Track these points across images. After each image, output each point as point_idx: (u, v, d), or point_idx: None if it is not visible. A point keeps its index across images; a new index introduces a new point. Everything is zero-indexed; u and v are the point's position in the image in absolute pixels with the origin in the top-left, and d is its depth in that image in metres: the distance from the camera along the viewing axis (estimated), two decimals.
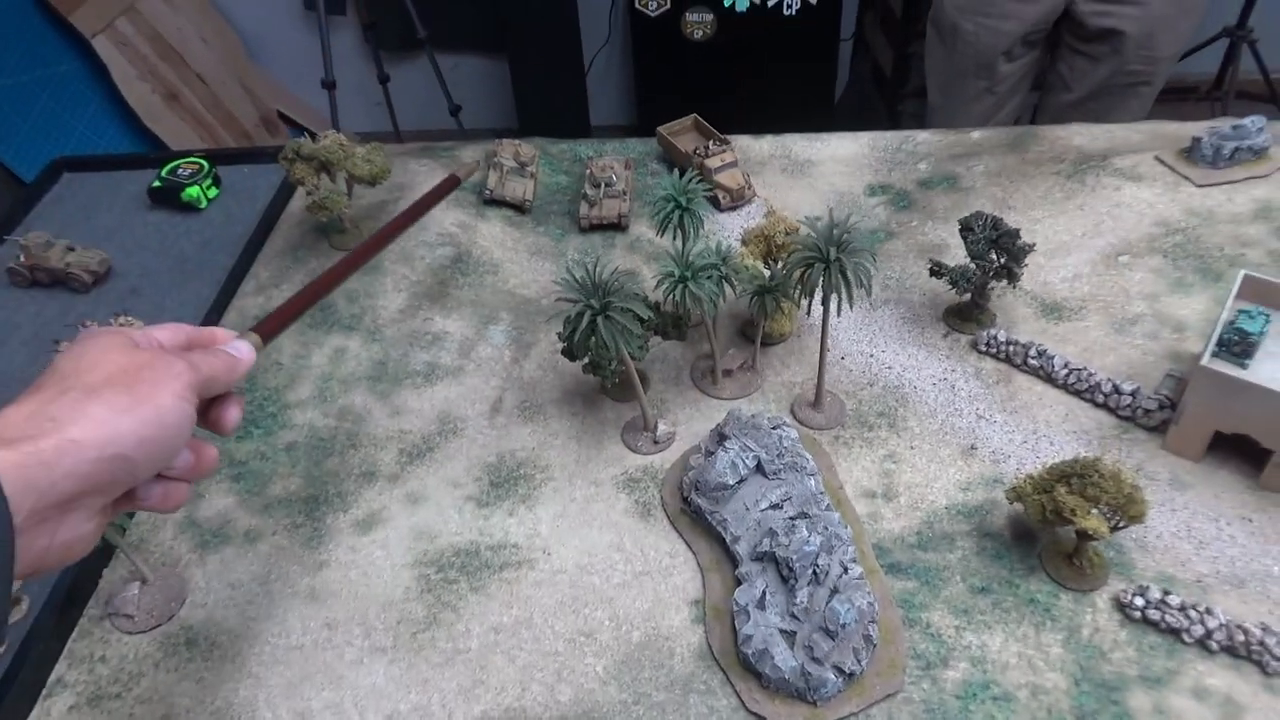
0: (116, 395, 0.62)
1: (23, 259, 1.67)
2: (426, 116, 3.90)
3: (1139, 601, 1.09)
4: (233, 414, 0.76)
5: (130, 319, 1.54)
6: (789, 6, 3.22)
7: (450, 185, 1.17)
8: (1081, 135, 1.76)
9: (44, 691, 1.14)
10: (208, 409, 0.75)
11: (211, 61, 3.81)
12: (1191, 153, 1.64)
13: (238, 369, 0.74)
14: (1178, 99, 3.43)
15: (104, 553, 1.27)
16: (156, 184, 1.82)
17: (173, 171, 1.82)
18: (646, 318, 1.22)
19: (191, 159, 1.85)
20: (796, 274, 1.21)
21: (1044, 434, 1.31)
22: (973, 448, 1.30)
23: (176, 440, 0.66)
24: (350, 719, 1.08)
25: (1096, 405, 1.33)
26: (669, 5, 3.27)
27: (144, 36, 3.57)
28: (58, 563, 0.61)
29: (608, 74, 4.04)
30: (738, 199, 1.70)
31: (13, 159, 3.17)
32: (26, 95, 3.28)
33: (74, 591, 1.22)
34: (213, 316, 1.57)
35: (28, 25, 3.33)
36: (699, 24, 3.30)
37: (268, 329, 0.80)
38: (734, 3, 3.21)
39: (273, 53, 4.09)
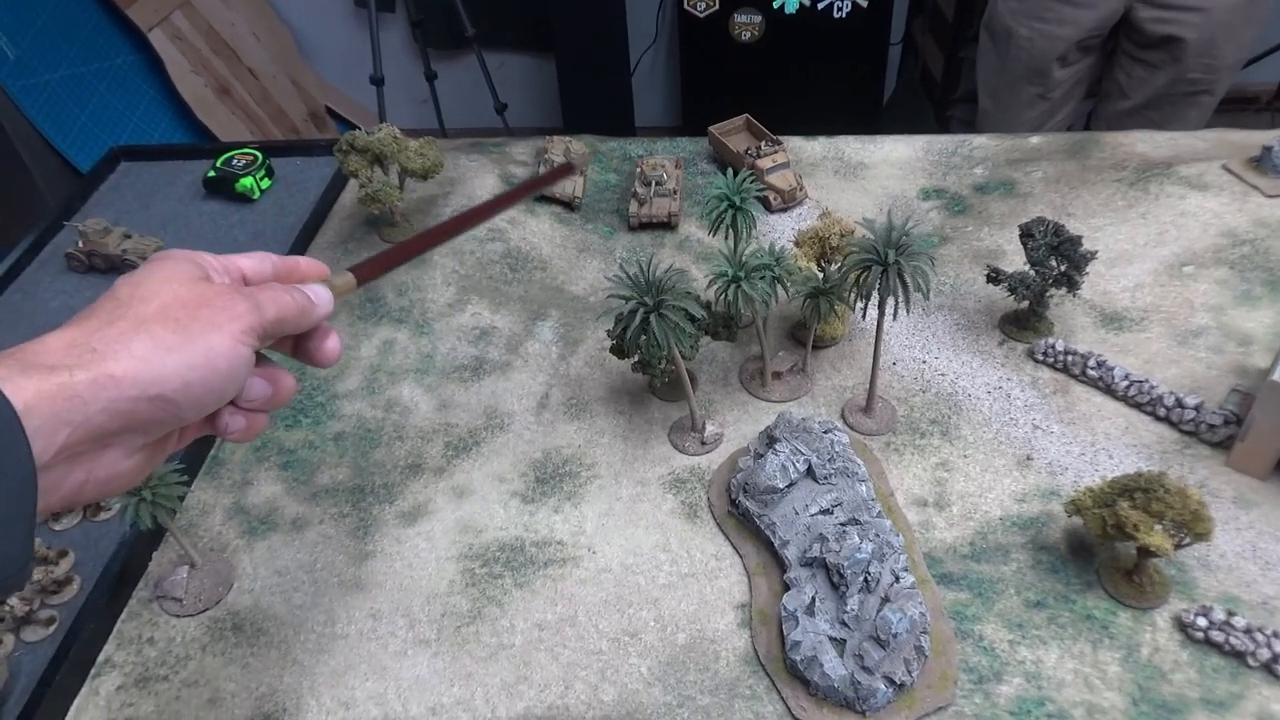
0: (166, 331, 0.58)
1: (80, 245, 1.69)
2: (471, 114, 3.92)
3: (1202, 622, 1.06)
4: (329, 346, 0.71)
5: None
6: (839, 9, 3.19)
7: (566, 171, 1.19)
8: (1144, 142, 1.72)
9: (93, 671, 1.16)
10: (301, 341, 0.71)
11: (263, 57, 3.86)
12: (1261, 162, 1.59)
13: (312, 314, 0.67)
14: (1236, 109, 3.34)
15: (154, 535, 1.28)
16: (211, 174, 1.84)
17: (227, 162, 1.85)
18: (699, 317, 1.21)
19: (246, 150, 1.87)
20: (853, 276, 1.19)
21: (1103, 446, 1.27)
22: (1028, 458, 1.27)
23: (228, 384, 0.62)
24: (394, 710, 1.08)
25: (1158, 419, 1.29)
26: (717, 6, 3.25)
27: (198, 31, 3.63)
28: (94, 497, 0.59)
29: (653, 74, 4.03)
30: (789, 200, 1.68)
31: (70, 148, 3.23)
32: (84, 86, 3.35)
33: (124, 573, 1.24)
34: None
35: (87, 18, 3.40)
36: (747, 25, 3.28)
37: (365, 273, 0.73)
38: (783, 4, 3.19)
39: (322, 49, 4.14)
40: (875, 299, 1.18)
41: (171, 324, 0.58)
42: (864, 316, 1.42)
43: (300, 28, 4.06)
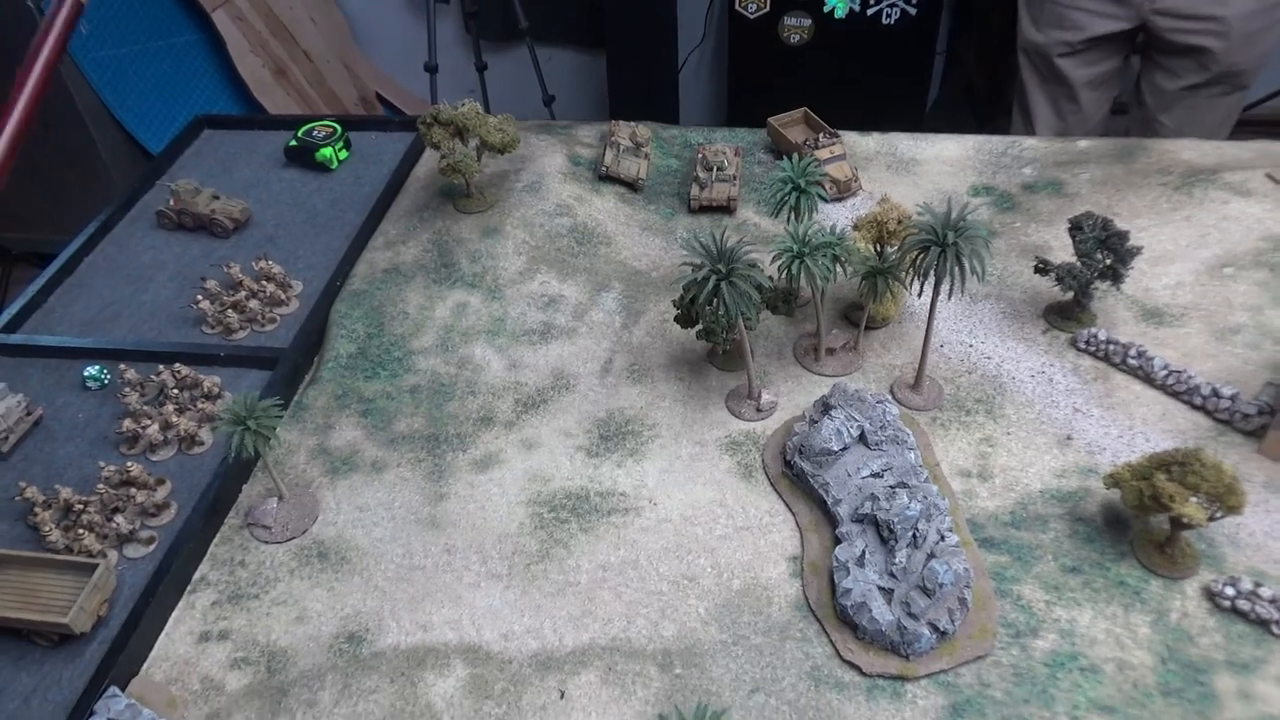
0: None
1: (172, 203, 1.79)
2: (519, 106, 3.97)
3: (1229, 591, 1.12)
4: None
5: (269, 263, 1.65)
6: (888, 15, 3.26)
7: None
8: (1190, 149, 1.79)
9: (189, 587, 1.25)
10: None
11: (319, 41, 3.98)
12: None
13: None
14: None
15: (245, 468, 1.37)
16: (293, 143, 1.94)
17: (308, 132, 1.94)
18: (766, 286, 1.29)
19: (326, 122, 1.96)
20: (911, 255, 1.26)
21: (1140, 430, 1.34)
22: (1068, 438, 1.34)
23: None
24: (468, 634, 1.17)
25: (1194, 407, 1.36)
26: (768, 8, 3.33)
27: (259, 13, 3.75)
28: None
29: (699, 74, 4.11)
30: (844, 191, 1.76)
31: (132, 122, 3.35)
32: (149, 62, 3.47)
33: (218, 501, 1.33)
34: (345, 266, 1.67)
35: None
36: (796, 28, 3.35)
37: None
38: (833, 8, 3.26)
39: (376, 36, 4.25)
40: (931, 280, 1.26)
41: None
42: (920, 295, 1.49)
43: (355, 14, 4.18)
